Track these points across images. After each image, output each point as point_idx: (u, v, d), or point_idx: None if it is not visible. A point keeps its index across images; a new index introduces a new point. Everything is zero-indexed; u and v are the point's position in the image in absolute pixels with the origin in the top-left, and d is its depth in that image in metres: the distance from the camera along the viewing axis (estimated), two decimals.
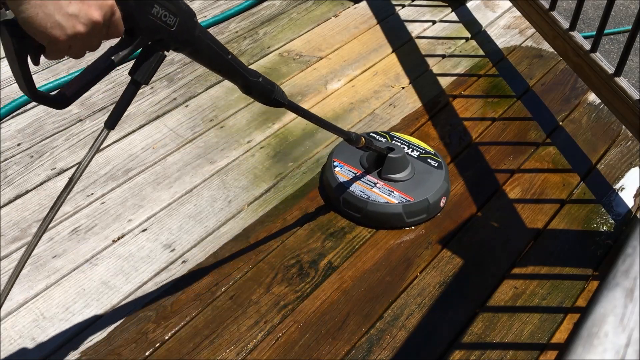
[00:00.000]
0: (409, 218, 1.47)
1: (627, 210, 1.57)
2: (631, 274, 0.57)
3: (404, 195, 1.48)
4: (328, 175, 1.55)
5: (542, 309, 1.33)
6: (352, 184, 1.51)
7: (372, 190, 1.49)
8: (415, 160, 1.58)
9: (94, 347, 1.24)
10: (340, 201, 1.50)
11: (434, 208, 1.50)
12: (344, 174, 1.53)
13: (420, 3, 2.38)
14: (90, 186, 1.59)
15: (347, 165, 1.56)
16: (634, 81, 2.77)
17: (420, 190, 1.49)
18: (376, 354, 1.24)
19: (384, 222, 1.48)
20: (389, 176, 1.52)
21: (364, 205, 1.47)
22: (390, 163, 1.51)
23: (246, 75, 1.07)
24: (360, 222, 1.50)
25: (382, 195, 1.48)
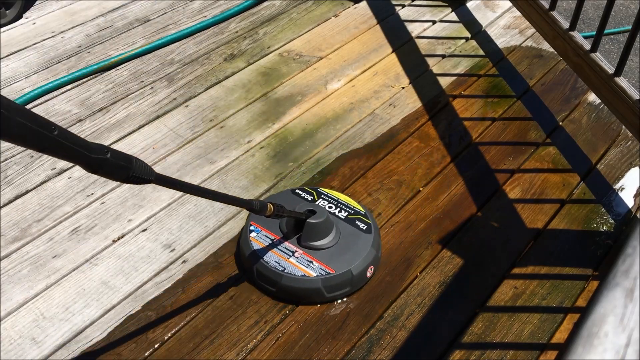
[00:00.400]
0: (329, 293, 1.30)
1: (627, 210, 1.57)
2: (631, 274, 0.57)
3: (324, 266, 1.30)
4: (242, 242, 1.38)
5: (542, 309, 1.33)
6: (268, 252, 1.33)
7: (289, 260, 1.32)
8: (342, 223, 1.40)
9: (94, 347, 1.24)
10: (253, 272, 1.33)
11: (359, 280, 1.33)
12: (259, 240, 1.35)
13: (420, 3, 2.38)
14: (90, 186, 1.59)
15: (264, 230, 1.37)
16: (634, 81, 2.76)
17: (343, 260, 1.32)
18: (376, 354, 1.24)
19: (302, 298, 1.32)
20: (309, 244, 1.33)
21: (279, 279, 1.29)
22: (310, 229, 1.32)
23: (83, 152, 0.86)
24: (276, 296, 1.33)
25: (300, 267, 1.30)
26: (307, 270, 1.30)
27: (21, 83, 1.93)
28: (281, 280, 1.29)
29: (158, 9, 2.31)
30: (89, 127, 1.78)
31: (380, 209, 1.55)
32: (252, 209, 1.15)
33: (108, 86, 1.93)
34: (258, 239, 1.36)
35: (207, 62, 2.05)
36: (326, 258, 1.32)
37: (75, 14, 2.27)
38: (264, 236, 1.36)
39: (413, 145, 1.75)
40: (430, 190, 1.61)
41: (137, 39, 2.15)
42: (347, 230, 1.39)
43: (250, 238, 1.36)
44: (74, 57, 2.05)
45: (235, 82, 1.97)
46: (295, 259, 1.32)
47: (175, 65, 2.03)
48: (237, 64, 2.04)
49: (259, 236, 1.36)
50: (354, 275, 1.31)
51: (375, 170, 1.66)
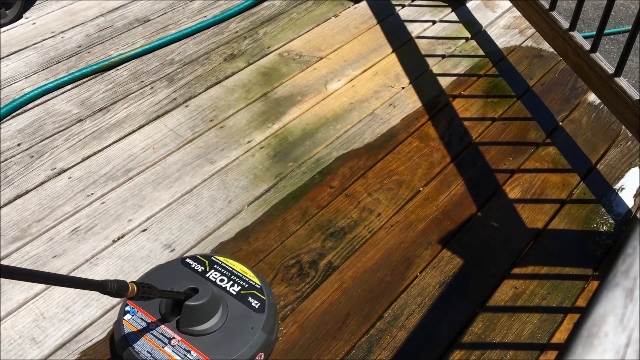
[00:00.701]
0: None
1: (627, 210, 1.57)
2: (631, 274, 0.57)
3: (203, 357, 1.12)
4: (115, 324, 1.19)
5: (542, 309, 1.33)
6: (140, 339, 1.14)
7: (164, 350, 1.12)
8: (232, 300, 1.21)
9: (94, 347, 1.24)
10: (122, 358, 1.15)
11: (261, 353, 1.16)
12: (133, 324, 1.16)
13: (420, 3, 2.38)
14: (90, 186, 1.59)
15: (141, 311, 1.18)
16: (634, 81, 2.76)
17: (227, 347, 1.13)
18: (376, 354, 1.24)
19: None
20: (188, 329, 1.15)
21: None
22: (190, 312, 1.14)
23: None
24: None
25: (174, 358, 1.11)
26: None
27: (21, 83, 1.93)
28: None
29: (158, 9, 2.31)
30: (89, 127, 1.78)
31: (380, 209, 1.55)
32: (107, 291, 0.97)
33: (108, 86, 1.93)
34: (132, 322, 1.17)
35: (207, 62, 2.05)
36: (207, 346, 1.13)
37: (75, 14, 2.27)
38: (139, 318, 1.17)
39: (413, 145, 1.75)
40: (430, 190, 1.61)
41: (137, 39, 2.15)
42: (236, 309, 1.20)
43: (124, 321, 1.17)
44: (74, 57, 2.05)
45: (235, 82, 1.97)
46: (171, 348, 1.13)
47: (175, 65, 2.03)
48: (237, 64, 2.04)
49: (133, 318, 1.17)
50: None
51: (375, 170, 1.66)
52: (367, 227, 1.50)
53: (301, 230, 1.49)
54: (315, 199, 1.57)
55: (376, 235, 1.48)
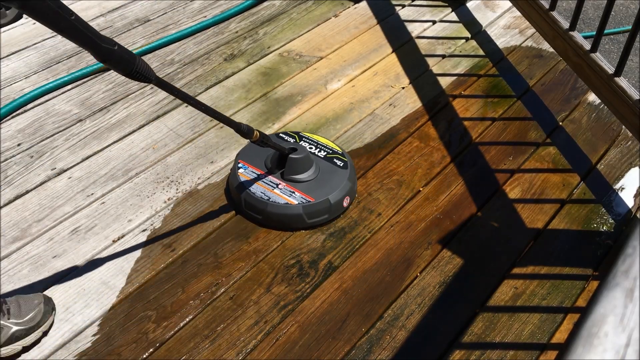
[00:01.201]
0: (310, 219, 1.45)
1: (627, 210, 1.57)
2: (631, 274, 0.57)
3: (305, 196, 1.45)
4: (231, 177, 1.54)
5: (542, 309, 1.33)
6: (254, 184, 1.48)
7: (273, 191, 1.47)
8: (321, 161, 1.56)
9: (94, 347, 1.24)
10: (241, 202, 1.48)
11: (337, 208, 1.48)
12: (247, 175, 1.51)
13: (420, 3, 2.38)
14: (90, 186, 1.59)
15: (251, 167, 1.53)
16: (634, 81, 2.76)
17: (322, 191, 1.47)
18: (376, 354, 1.24)
19: (285, 224, 1.46)
20: (291, 177, 1.49)
21: (264, 207, 1.44)
22: (292, 163, 1.48)
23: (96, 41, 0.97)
24: (262, 223, 1.48)
25: (283, 196, 1.45)
26: (290, 199, 1.45)
27: (21, 83, 1.93)
28: (266, 207, 1.44)
29: (158, 9, 2.31)
30: (89, 127, 1.78)
31: (380, 209, 1.55)
32: (240, 130, 1.29)
33: (108, 86, 1.93)
34: (245, 173, 1.51)
35: (207, 62, 2.05)
36: (307, 189, 1.47)
37: None
38: (251, 172, 1.52)
39: (413, 145, 1.75)
40: (430, 190, 1.61)
41: (137, 39, 2.15)
42: (325, 166, 1.54)
43: (239, 173, 1.51)
44: (74, 57, 2.05)
45: (235, 82, 1.97)
46: (279, 190, 1.47)
47: (175, 65, 2.03)
48: (237, 64, 2.04)
49: (246, 172, 1.52)
50: (332, 203, 1.46)
51: (375, 170, 1.66)
52: (367, 227, 1.50)
53: (301, 230, 1.49)
54: None
55: (376, 235, 1.48)
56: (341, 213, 1.51)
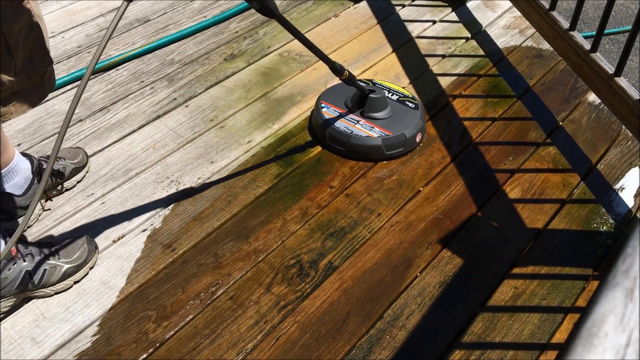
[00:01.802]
0: (387, 150, 1.66)
1: (627, 210, 1.57)
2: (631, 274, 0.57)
3: (383, 130, 1.67)
4: (316, 115, 1.74)
5: (542, 309, 1.33)
6: (337, 121, 1.70)
7: (355, 126, 1.68)
8: (394, 102, 1.77)
9: (94, 347, 1.24)
10: (326, 136, 1.68)
11: (411, 142, 1.69)
12: (330, 113, 1.72)
13: (420, 3, 2.38)
14: (91, 186, 1.59)
15: (333, 107, 1.75)
16: (634, 81, 2.76)
17: (398, 126, 1.68)
18: (376, 354, 1.24)
19: (366, 155, 1.67)
20: (370, 114, 1.71)
21: (348, 139, 1.65)
22: (371, 102, 1.70)
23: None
24: (344, 155, 1.68)
25: (364, 130, 1.67)
26: (370, 133, 1.66)
27: None
28: (350, 140, 1.65)
29: (158, 9, 2.31)
30: (89, 127, 1.78)
31: (381, 209, 1.55)
32: (334, 67, 1.51)
33: (108, 86, 1.93)
34: (328, 112, 1.73)
35: (207, 62, 2.05)
36: (384, 125, 1.69)
37: (75, 14, 2.27)
38: (333, 110, 1.74)
39: None
40: (430, 190, 1.61)
41: (137, 39, 2.15)
42: (399, 107, 1.76)
43: (322, 112, 1.73)
44: (74, 57, 2.05)
45: (235, 82, 1.97)
46: (360, 125, 1.69)
47: (175, 65, 2.03)
48: (237, 64, 2.04)
49: (329, 110, 1.74)
50: (407, 137, 1.67)
51: (375, 170, 1.66)
52: (367, 227, 1.50)
53: (301, 230, 1.49)
54: (315, 199, 1.57)
55: (376, 235, 1.48)
56: (414, 148, 1.71)
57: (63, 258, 1.33)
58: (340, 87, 1.80)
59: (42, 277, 1.29)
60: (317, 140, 1.73)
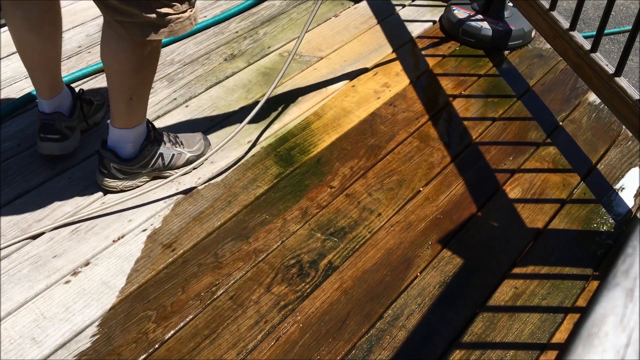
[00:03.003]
0: (511, 41, 2.08)
1: (627, 210, 1.57)
2: (631, 274, 0.57)
3: (506, 26, 2.08)
4: (449, 15, 2.17)
5: (542, 309, 1.33)
6: (468, 19, 2.11)
7: (483, 22, 2.10)
8: (511, 8, 2.16)
9: (94, 347, 1.24)
10: (459, 31, 2.10)
11: (528, 36, 2.11)
12: (461, 14, 2.15)
13: (420, 3, 2.38)
14: (91, 186, 1.59)
15: (462, 9, 2.17)
16: (634, 81, 2.76)
17: (518, 23, 2.09)
18: (376, 354, 1.24)
19: (494, 44, 2.08)
20: (495, 14, 2.12)
21: (478, 32, 2.07)
22: (497, 3, 2.11)
23: None
24: (473, 45, 2.10)
25: (491, 25, 2.08)
26: (496, 27, 2.07)
27: (21, 83, 1.93)
28: (480, 32, 2.08)
29: None
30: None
31: (381, 209, 1.55)
32: None
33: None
34: (460, 13, 2.16)
35: (207, 62, 2.05)
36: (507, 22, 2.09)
37: (75, 14, 2.27)
38: (463, 12, 2.16)
39: (413, 145, 1.75)
40: (430, 190, 1.61)
41: None
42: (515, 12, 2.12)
43: (455, 13, 2.16)
44: (74, 57, 2.05)
45: (235, 82, 1.97)
46: (487, 22, 2.10)
47: (175, 65, 2.03)
48: (237, 64, 2.04)
49: (460, 12, 2.16)
50: (525, 32, 2.09)
51: (375, 170, 1.66)
52: (367, 227, 1.50)
53: (301, 230, 1.49)
54: (315, 199, 1.57)
55: (376, 235, 1.48)
56: (529, 42, 2.13)
57: (187, 148, 1.60)
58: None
59: (170, 160, 1.56)
60: (449, 35, 2.15)
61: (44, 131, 1.56)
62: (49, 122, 1.55)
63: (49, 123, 1.55)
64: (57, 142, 1.58)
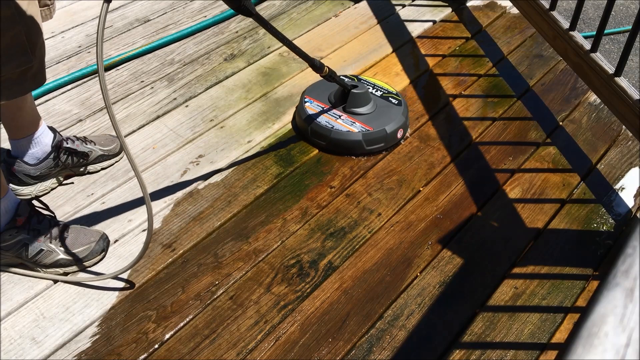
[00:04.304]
0: (368, 146, 1.67)
1: (627, 210, 1.57)
2: (631, 274, 0.57)
3: (364, 125, 1.68)
4: (299, 109, 1.77)
5: (542, 309, 1.33)
6: (320, 116, 1.71)
7: (337, 121, 1.70)
8: (378, 98, 1.78)
9: (94, 347, 1.24)
10: (308, 130, 1.70)
11: (392, 138, 1.70)
12: (313, 108, 1.74)
13: (420, 3, 2.38)
14: (91, 186, 1.59)
15: (316, 101, 1.76)
16: (634, 81, 2.76)
17: (379, 122, 1.69)
18: (376, 354, 1.24)
19: (347, 149, 1.68)
20: (352, 110, 1.72)
21: (329, 134, 1.67)
22: (353, 98, 1.71)
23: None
24: (325, 149, 1.70)
25: (345, 125, 1.68)
26: (351, 128, 1.68)
27: None
28: (330, 134, 1.67)
29: (158, 9, 2.31)
30: (89, 127, 1.78)
31: (381, 209, 1.55)
32: (314, 64, 1.54)
33: (108, 86, 1.93)
34: (312, 107, 1.75)
35: (207, 62, 2.05)
36: (366, 120, 1.70)
37: (75, 14, 2.27)
38: (316, 105, 1.75)
39: (413, 145, 1.75)
40: (430, 190, 1.61)
41: (137, 39, 2.15)
42: (382, 103, 1.77)
43: (306, 106, 1.75)
44: (74, 57, 2.05)
45: (235, 82, 1.97)
46: (342, 120, 1.70)
47: (175, 65, 2.03)
48: (237, 64, 2.04)
49: (312, 105, 1.75)
50: (387, 133, 1.68)
51: (375, 170, 1.66)
52: (367, 227, 1.50)
53: (301, 230, 1.49)
54: (315, 199, 1.57)
55: (376, 235, 1.48)
56: (395, 144, 1.72)
57: (63, 247, 1.35)
58: (325, 83, 1.78)
59: (35, 255, 1.33)
60: (300, 133, 1.75)
61: None
62: None
63: None
64: (15, 185, 1.51)
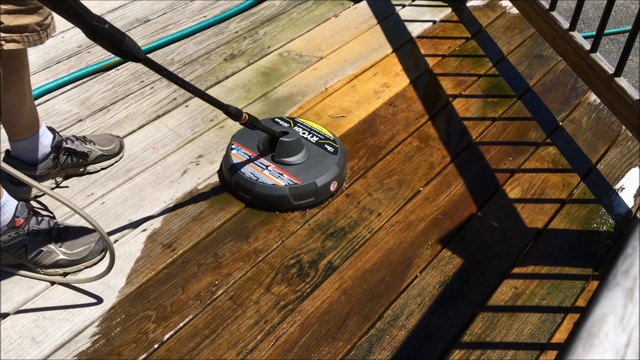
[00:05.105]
0: (296, 200, 1.50)
1: (627, 210, 1.57)
2: (631, 274, 0.57)
3: (292, 178, 1.51)
4: (225, 158, 1.60)
5: (542, 309, 1.33)
6: (245, 165, 1.55)
7: (263, 172, 1.53)
8: (312, 145, 1.61)
9: (94, 347, 1.24)
10: (232, 182, 1.54)
11: (323, 192, 1.53)
12: (239, 156, 1.57)
13: (420, 3, 2.38)
14: (90, 186, 1.59)
15: (244, 148, 1.59)
16: (634, 81, 2.76)
17: (310, 174, 1.52)
18: (376, 354, 1.24)
19: (272, 204, 1.52)
20: (281, 159, 1.55)
21: (252, 187, 1.50)
22: (282, 146, 1.54)
23: (87, 18, 1.02)
24: (250, 203, 1.53)
25: (271, 177, 1.51)
26: (278, 181, 1.50)
27: None
28: (254, 188, 1.50)
29: (158, 9, 2.31)
30: (89, 127, 1.78)
31: (381, 209, 1.55)
32: (228, 112, 1.36)
33: (108, 86, 1.93)
34: (238, 155, 1.57)
35: (207, 62, 2.05)
36: (295, 172, 1.53)
37: None
38: (243, 153, 1.58)
39: (413, 145, 1.75)
40: (430, 190, 1.61)
41: (137, 39, 2.15)
42: (316, 151, 1.59)
43: (231, 154, 1.57)
44: (74, 57, 2.05)
45: (235, 82, 1.97)
46: (268, 172, 1.53)
47: (175, 65, 2.03)
48: (237, 64, 2.04)
49: (238, 153, 1.58)
50: (318, 187, 1.51)
51: (375, 170, 1.66)
52: (367, 227, 1.50)
53: (301, 230, 1.49)
54: None
55: (376, 235, 1.48)
56: (328, 197, 1.56)
57: (64, 248, 1.35)
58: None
59: (36, 256, 1.33)
60: (224, 184, 1.58)
61: None
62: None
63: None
64: (14, 185, 1.49)
